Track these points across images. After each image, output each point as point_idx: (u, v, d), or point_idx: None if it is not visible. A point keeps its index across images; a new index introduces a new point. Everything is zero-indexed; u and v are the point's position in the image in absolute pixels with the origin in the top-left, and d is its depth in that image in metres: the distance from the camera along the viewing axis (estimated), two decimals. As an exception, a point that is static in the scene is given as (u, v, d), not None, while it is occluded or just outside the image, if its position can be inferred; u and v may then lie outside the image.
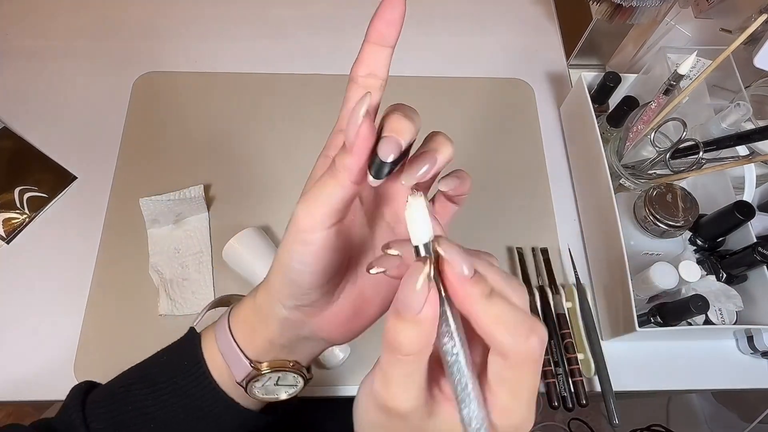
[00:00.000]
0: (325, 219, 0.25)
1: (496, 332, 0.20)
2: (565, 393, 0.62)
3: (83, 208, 0.71)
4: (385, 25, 0.25)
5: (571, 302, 0.67)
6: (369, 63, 0.26)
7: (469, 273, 0.21)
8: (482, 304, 0.21)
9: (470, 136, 0.80)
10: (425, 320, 0.20)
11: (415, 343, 0.20)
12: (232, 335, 0.33)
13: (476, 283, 0.21)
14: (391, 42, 0.26)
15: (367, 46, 0.26)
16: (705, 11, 0.72)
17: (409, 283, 0.20)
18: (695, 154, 0.61)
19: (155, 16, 0.87)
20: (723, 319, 0.63)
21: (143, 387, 0.34)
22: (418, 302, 0.20)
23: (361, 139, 0.22)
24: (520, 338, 0.20)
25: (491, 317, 0.21)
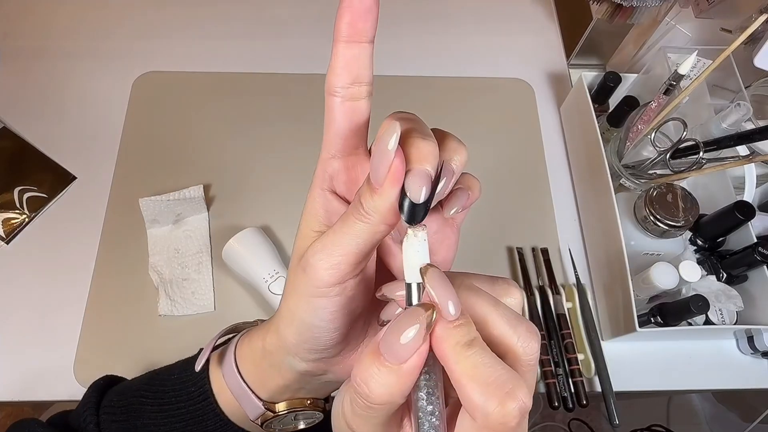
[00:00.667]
0: (352, 269, 0.22)
1: (468, 389, 0.18)
2: (565, 393, 0.62)
3: (83, 208, 0.71)
4: (357, 15, 0.20)
5: (572, 302, 0.67)
6: (348, 68, 0.21)
7: (454, 314, 0.18)
8: (457, 353, 0.18)
9: (470, 136, 0.79)
10: (408, 373, 0.18)
11: (387, 394, 0.18)
12: (241, 376, 0.30)
13: (456, 328, 0.18)
14: (370, 35, 0.21)
15: (340, 48, 0.21)
16: (705, 11, 0.72)
17: (402, 327, 0.18)
18: (695, 154, 0.61)
19: (155, 16, 0.87)
20: (723, 319, 0.63)
21: (154, 404, 0.33)
22: (406, 352, 0.18)
23: (393, 177, 0.19)
24: (493, 401, 0.17)
25: (465, 371, 0.18)
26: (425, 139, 0.20)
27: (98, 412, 0.34)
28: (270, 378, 0.29)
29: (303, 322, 0.24)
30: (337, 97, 0.22)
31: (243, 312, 0.66)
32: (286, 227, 0.71)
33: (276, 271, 0.63)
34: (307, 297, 0.23)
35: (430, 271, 0.19)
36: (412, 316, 0.18)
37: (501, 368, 0.18)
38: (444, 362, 0.18)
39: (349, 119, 0.22)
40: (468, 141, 0.65)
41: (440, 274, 0.19)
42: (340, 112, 0.22)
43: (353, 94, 0.22)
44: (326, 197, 0.24)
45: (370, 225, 0.20)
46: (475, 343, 0.18)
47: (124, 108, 0.78)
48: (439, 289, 0.18)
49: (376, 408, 0.18)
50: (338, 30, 0.21)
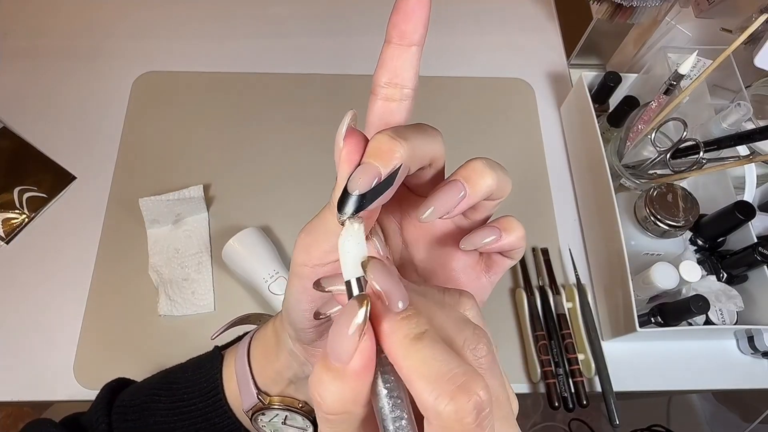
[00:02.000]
0: (323, 255, 0.22)
1: (417, 386, 0.16)
2: (565, 393, 0.62)
3: (83, 208, 0.71)
4: (404, 18, 0.20)
5: (572, 302, 0.67)
6: (390, 68, 0.21)
7: (401, 306, 0.17)
8: (405, 347, 0.16)
9: (470, 136, 0.80)
10: (353, 374, 0.16)
11: (338, 402, 0.17)
12: (249, 359, 0.31)
13: (404, 320, 0.17)
14: (416, 39, 0.21)
15: (386, 48, 0.21)
16: (705, 11, 0.72)
17: (340, 325, 0.16)
18: (696, 154, 0.61)
19: (155, 16, 0.87)
20: (723, 319, 0.63)
21: (167, 402, 0.34)
22: (347, 350, 0.16)
23: (342, 166, 0.19)
24: (444, 398, 0.15)
25: (413, 366, 0.16)
26: (391, 138, 0.19)
27: (110, 412, 0.34)
28: (270, 361, 0.31)
29: (285, 296, 0.25)
30: (377, 96, 0.22)
31: (243, 312, 0.66)
32: (286, 227, 0.71)
33: (276, 271, 0.63)
34: (290, 273, 0.24)
35: (371, 262, 0.18)
36: (347, 311, 0.17)
37: (453, 361, 0.16)
38: (393, 359, 0.17)
39: (382, 119, 0.22)
40: (468, 141, 0.65)
41: (383, 265, 0.18)
42: (375, 110, 0.22)
43: (388, 95, 0.21)
44: None
45: (333, 215, 0.20)
46: (426, 336, 0.17)
47: (124, 108, 0.78)
48: (382, 280, 0.17)
49: (333, 419, 0.17)
50: (388, 31, 0.21)
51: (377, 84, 0.21)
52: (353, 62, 0.85)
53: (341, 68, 0.84)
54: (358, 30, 0.87)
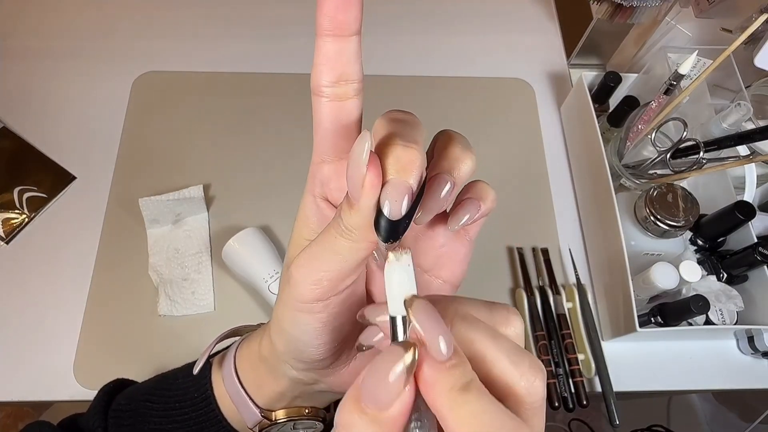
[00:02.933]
0: (334, 286, 0.20)
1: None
2: (565, 393, 0.62)
3: (83, 208, 0.71)
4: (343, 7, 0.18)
5: (572, 302, 0.67)
6: (332, 65, 0.19)
7: (446, 354, 0.16)
8: (451, 400, 0.16)
9: (470, 136, 0.79)
10: (390, 422, 0.16)
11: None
12: (239, 379, 0.29)
13: (449, 370, 0.16)
14: (354, 27, 0.19)
15: (321, 43, 0.19)
16: (705, 11, 0.72)
17: (380, 370, 0.15)
18: (696, 154, 0.61)
19: (155, 16, 0.87)
20: (723, 319, 0.63)
21: (160, 408, 0.33)
22: (387, 398, 0.15)
23: (368, 191, 0.17)
24: None
25: (462, 420, 0.15)
26: (406, 146, 0.18)
27: (106, 416, 0.34)
28: (266, 383, 0.29)
29: (288, 333, 0.23)
30: (323, 97, 0.20)
31: (243, 312, 0.66)
32: (286, 227, 0.71)
33: (276, 271, 0.63)
34: (291, 309, 0.22)
35: (415, 303, 0.17)
36: (390, 356, 0.16)
37: (504, 416, 0.16)
38: (436, 410, 0.16)
39: (337, 120, 0.20)
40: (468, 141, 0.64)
41: (427, 306, 0.17)
42: (327, 113, 0.20)
43: (339, 94, 0.20)
44: (318, 205, 0.23)
45: (351, 242, 0.19)
46: (472, 387, 0.16)
47: (124, 108, 0.78)
48: (426, 324, 0.16)
49: None
50: (319, 23, 0.19)
51: (322, 85, 0.20)
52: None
53: (341, 68, 0.84)
54: (358, 30, 0.87)
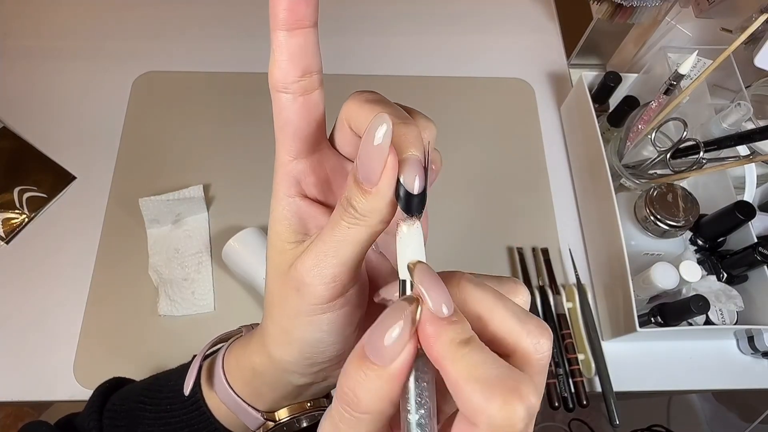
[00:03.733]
0: (352, 277, 0.21)
1: (466, 390, 0.16)
2: (565, 393, 0.62)
3: (83, 208, 0.71)
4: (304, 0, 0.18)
5: (572, 302, 0.67)
6: (295, 60, 0.19)
7: (447, 312, 0.17)
8: (453, 351, 0.16)
9: (470, 136, 0.80)
10: (395, 374, 0.16)
11: (376, 400, 0.16)
12: (233, 391, 0.29)
13: (451, 324, 0.17)
14: (313, 18, 0.19)
15: (281, 37, 0.19)
16: (705, 11, 0.72)
17: (386, 325, 0.16)
18: (696, 154, 0.61)
19: (155, 16, 0.87)
20: (723, 319, 0.63)
21: (152, 411, 0.33)
22: (392, 351, 0.16)
23: (390, 173, 0.18)
24: (496, 402, 0.15)
25: (463, 369, 0.16)
26: (407, 124, 0.19)
27: (101, 416, 0.34)
28: (266, 393, 0.29)
29: (304, 341, 0.23)
30: (288, 94, 0.20)
31: (243, 312, 0.66)
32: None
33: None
34: (306, 316, 0.22)
35: (418, 266, 0.18)
36: (395, 311, 0.17)
37: (503, 366, 0.16)
38: (438, 363, 0.17)
39: (307, 115, 0.21)
40: (468, 141, 0.65)
41: (429, 269, 0.18)
42: (295, 109, 0.20)
43: (305, 87, 0.20)
44: (296, 203, 0.22)
45: (367, 227, 0.19)
46: (472, 341, 0.17)
47: (124, 108, 0.78)
48: (428, 284, 0.17)
49: (365, 418, 0.17)
50: (276, 17, 0.18)
51: (290, 81, 0.19)
52: (353, 62, 0.85)
53: (341, 68, 0.84)
54: (358, 30, 0.87)
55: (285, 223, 0.22)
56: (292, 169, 0.22)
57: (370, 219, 0.19)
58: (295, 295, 0.21)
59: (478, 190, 0.76)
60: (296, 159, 0.22)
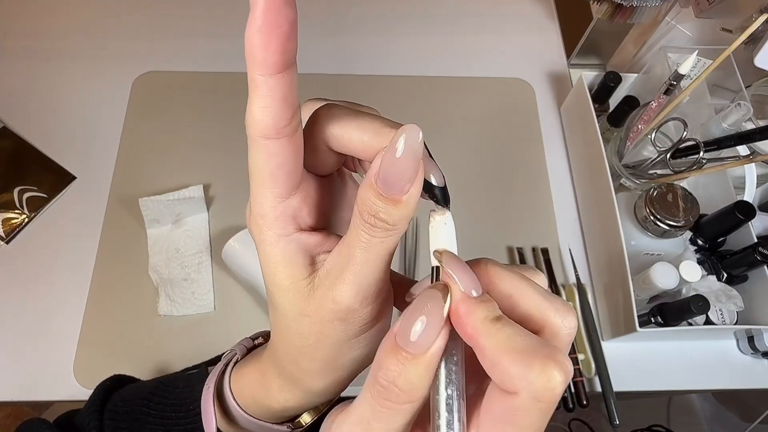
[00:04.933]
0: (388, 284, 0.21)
1: (504, 361, 0.16)
2: (565, 393, 0.62)
3: (83, 208, 0.71)
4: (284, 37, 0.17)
5: (572, 302, 0.67)
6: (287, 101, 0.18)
7: (476, 294, 0.18)
8: (487, 326, 0.17)
9: (470, 136, 0.80)
10: (433, 360, 0.17)
11: (417, 389, 0.17)
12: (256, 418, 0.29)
13: (482, 303, 0.17)
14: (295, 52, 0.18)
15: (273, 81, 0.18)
16: (705, 11, 0.72)
17: (419, 313, 0.17)
18: (696, 154, 0.61)
19: (155, 16, 0.87)
20: (723, 319, 0.63)
21: (157, 416, 0.32)
22: (428, 338, 0.17)
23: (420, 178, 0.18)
24: (535, 368, 0.16)
25: (498, 343, 0.17)
26: (396, 123, 0.19)
27: (102, 416, 0.34)
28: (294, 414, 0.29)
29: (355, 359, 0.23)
30: (282, 138, 0.19)
31: (243, 312, 0.66)
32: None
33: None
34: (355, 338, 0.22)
35: (445, 253, 0.19)
36: (427, 298, 0.17)
37: (534, 338, 0.17)
38: (473, 340, 0.17)
39: (298, 150, 0.20)
40: (468, 141, 0.65)
41: (455, 255, 0.19)
42: (289, 151, 0.19)
43: (296, 127, 0.19)
44: (297, 239, 0.21)
45: (399, 234, 0.19)
46: (503, 318, 0.17)
47: (124, 108, 0.78)
48: (455, 268, 0.18)
49: (405, 408, 0.17)
50: (265, 60, 0.17)
51: (282, 125, 0.18)
52: (353, 62, 0.85)
53: (341, 68, 0.84)
54: (358, 30, 0.87)
55: (294, 263, 0.21)
56: (287, 209, 0.21)
57: (401, 226, 0.19)
58: (339, 326, 0.21)
59: (478, 190, 0.76)
60: (289, 197, 0.21)
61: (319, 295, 0.21)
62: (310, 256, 0.22)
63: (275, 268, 0.22)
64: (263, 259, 0.22)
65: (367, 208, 0.19)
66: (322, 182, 0.23)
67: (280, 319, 0.23)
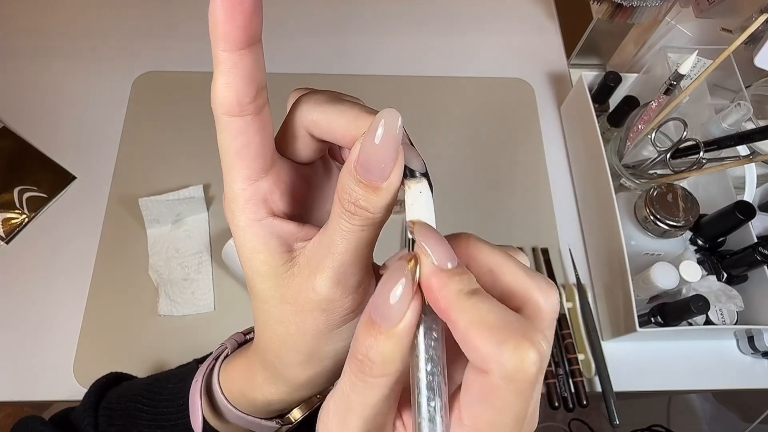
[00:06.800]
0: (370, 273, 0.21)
1: (476, 338, 0.16)
2: (565, 393, 0.62)
3: (82, 208, 0.71)
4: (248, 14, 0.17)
5: (572, 302, 0.67)
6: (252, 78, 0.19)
7: (451, 265, 0.17)
8: (460, 300, 0.16)
9: (470, 136, 0.80)
10: (405, 333, 0.16)
11: (389, 362, 0.17)
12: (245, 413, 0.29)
13: (456, 275, 0.17)
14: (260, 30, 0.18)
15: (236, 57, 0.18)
16: (705, 11, 0.72)
17: (388, 286, 0.16)
18: (696, 154, 0.61)
19: (155, 16, 0.87)
20: (723, 319, 0.63)
21: (149, 412, 0.32)
22: (398, 311, 0.16)
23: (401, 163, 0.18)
24: (508, 347, 0.15)
25: (472, 318, 0.16)
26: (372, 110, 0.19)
27: (97, 413, 0.34)
28: (281, 409, 0.29)
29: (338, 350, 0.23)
30: (246, 116, 0.19)
31: (243, 312, 0.66)
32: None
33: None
34: (337, 329, 0.22)
35: (418, 223, 0.18)
36: (395, 271, 0.16)
37: (512, 314, 0.16)
38: (446, 314, 0.16)
39: (265, 130, 0.20)
40: (468, 141, 0.65)
41: (428, 226, 0.18)
42: (254, 130, 0.19)
43: (261, 105, 0.19)
44: (270, 224, 0.21)
45: (380, 221, 0.19)
46: (479, 292, 0.16)
47: (123, 108, 0.78)
48: (429, 240, 0.17)
49: (378, 382, 0.17)
50: (226, 36, 0.17)
51: (246, 102, 0.19)
52: (353, 62, 0.85)
53: (341, 68, 0.84)
54: (358, 30, 0.87)
55: (268, 249, 0.21)
56: (257, 192, 0.21)
57: (382, 215, 0.19)
58: (320, 316, 0.21)
59: (477, 190, 0.76)
60: (258, 180, 0.21)
61: (299, 284, 0.21)
62: (286, 243, 0.21)
63: (251, 254, 0.21)
64: (238, 245, 0.22)
65: (347, 195, 0.18)
66: (301, 170, 0.23)
67: (261, 306, 0.23)
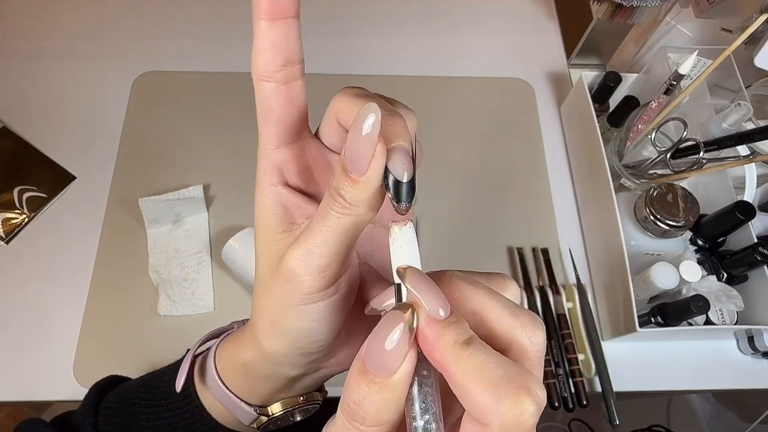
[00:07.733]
0: (343, 265, 0.21)
1: (474, 391, 0.16)
2: (565, 393, 0.62)
3: (82, 208, 0.71)
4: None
5: (572, 302, 0.67)
6: (278, 49, 0.20)
7: (444, 313, 0.17)
8: (456, 353, 0.16)
9: (470, 136, 0.79)
10: (400, 384, 0.16)
11: (383, 412, 0.16)
12: (225, 386, 0.29)
13: (450, 326, 0.16)
14: (295, 9, 0.19)
15: (263, 27, 0.20)
16: (705, 11, 0.72)
17: (383, 335, 0.16)
18: (696, 154, 0.61)
19: (155, 16, 0.87)
20: (723, 319, 0.63)
21: (147, 406, 0.33)
22: (392, 362, 0.16)
23: (378, 162, 0.18)
24: (506, 401, 0.15)
25: (468, 371, 0.16)
26: (393, 115, 0.19)
27: (97, 413, 0.34)
28: (259, 387, 0.29)
29: (296, 330, 0.23)
30: (271, 83, 0.21)
31: (242, 312, 0.66)
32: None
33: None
34: (296, 306, 0.22)
35: (408, 270, 0.18)
36: (391, 320, 0.16)
37: (507, 364, 0.16)
38: (442, 367, 0.16)
39: (290, 103, 0.21)
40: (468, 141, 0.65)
41: (420, 272, 0.18)
42: (278, 98, 0.21)
43: (288, 76, 0.21)
44: (280, 192, 0.22)
45: (356, 216, 0.19)
46: (474, 341, 0.16)
47: (124, 108, 0.78)
48: (422, 288, 0.17)
49: (372, 430, 0.17)
50: (258, 7, 0.19)
51: (272, 70, 0.20)
52: (353, 62, 0.85)
53: (341, 68, 0.84)
54: (358, 30, 0.87)
55: (270, 212, 0.23)
56: (275, 158, 0.22)
57: (359, 208, 0.19)
58: (285, 286, 0.21)
59: (478, 190, 0.76)
60: (278, 148, 0.22)
61: (280, 250, 0.22)
62: (289, 213, 0.23)
63: (258, 213, 0.23)
64: (254, 200, 0.23)
65: (335, 180, 0.19)
66: (326, 153, 0.24)
67: (258, 263, 0.24)
